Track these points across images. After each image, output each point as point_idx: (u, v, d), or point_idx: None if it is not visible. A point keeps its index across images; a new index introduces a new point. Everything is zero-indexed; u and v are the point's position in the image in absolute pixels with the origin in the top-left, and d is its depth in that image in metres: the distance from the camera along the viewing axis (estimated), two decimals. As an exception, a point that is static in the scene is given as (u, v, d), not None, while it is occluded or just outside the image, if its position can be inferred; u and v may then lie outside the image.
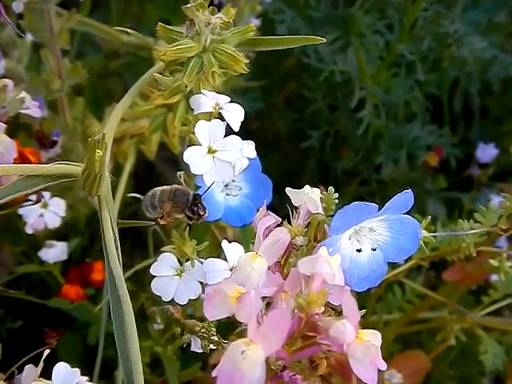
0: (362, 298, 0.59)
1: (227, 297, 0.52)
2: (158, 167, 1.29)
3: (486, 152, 1.22)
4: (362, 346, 0.47)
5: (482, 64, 1.20)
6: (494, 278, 1.00)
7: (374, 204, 0.52)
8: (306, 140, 1.23)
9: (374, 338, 0.48)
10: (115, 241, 0.60)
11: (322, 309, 0.49)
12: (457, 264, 0.85)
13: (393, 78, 1.16)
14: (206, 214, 0.67)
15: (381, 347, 0.49)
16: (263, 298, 0.55)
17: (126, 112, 0.78)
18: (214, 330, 0.68)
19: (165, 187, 0.69)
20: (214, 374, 0.45)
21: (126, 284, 0.89)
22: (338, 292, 0.50)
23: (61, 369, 0.64)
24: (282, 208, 1.06)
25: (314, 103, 1.23)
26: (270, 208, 0.74)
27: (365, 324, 0.51)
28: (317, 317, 0.49)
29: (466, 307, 1.00)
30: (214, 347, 0.68)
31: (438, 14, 1.13)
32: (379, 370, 0.49)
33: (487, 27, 1.22)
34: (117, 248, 0.60)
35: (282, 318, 0.45)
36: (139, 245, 1.22)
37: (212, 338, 0.68)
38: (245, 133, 0.70)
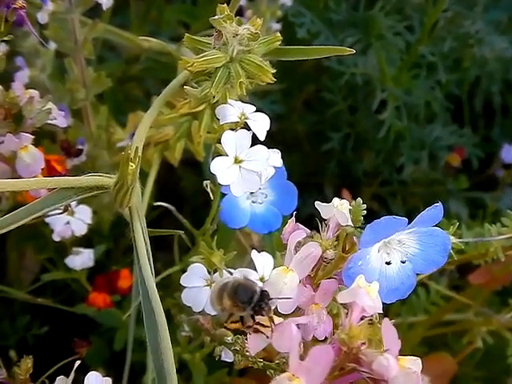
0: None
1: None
2: (178, 170, 1.30)
3: (511, 152, 1.21)
4: (403, 374, 0.47)
5: (503, 63, 1.19)
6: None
7: (403, 218, 0.52)
8: (326, 142, 1.23)
9: (414, 364, 0.48)
10: (147, 252, 0.61)
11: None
12: (483, 266, 0.85)
13: (414, 79, 1.15)
14: (271, 314, 0.56)
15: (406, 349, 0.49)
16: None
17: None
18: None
19: (228, 280, 0.61)
20: None
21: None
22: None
23: (92, 378, 0.65)
24: (303, 209, 1.06)
25: (335, 105, 1.23)
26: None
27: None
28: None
29: (491, 308, 1.00)
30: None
31: (459, 15, 1.12)
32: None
33: (508, 26, 1.21)
34: (149, 259, 0.60)
35: (325, 354, 0.45)
36: (162, 247, 1.22)
37: (246, 352, 0.67)
38: (265, 136, 0.70)
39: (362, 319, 0.49)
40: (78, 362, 0.67)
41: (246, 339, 0.65)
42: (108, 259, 1.11)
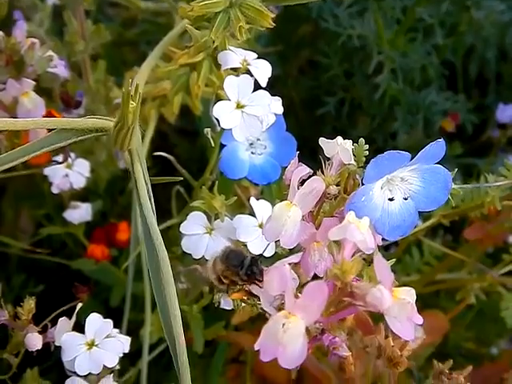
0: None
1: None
2: (171, 138, 1.30)
3: (506, 113, 1.22)
4: (398, 304, 0.47)
5: (499, 28, 1.19)
6: (512, 239, 1.01)
7: (406, 152, 0.52)
8: (322, 107, 1.23)
9: (408, 294, 0.49)
10: (148, 191, 0.61)
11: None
12: (478, 222, 0.86)
13: (410, 43, 1.15)
14: (262, 279, 0.57)
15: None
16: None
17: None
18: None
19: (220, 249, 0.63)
20: (256, 347, 0.46)
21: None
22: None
23: (93, 319, 0.66)
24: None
25: (330, 69, 1.23)
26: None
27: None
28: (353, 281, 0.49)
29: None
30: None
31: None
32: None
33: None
34: (150, 198, 0.61)
35: (319, 289, 0.46)
36: (156, 212, 1.23)
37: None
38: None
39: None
40: (79, 305, 0.67)
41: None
42: (104, 220, 1.11)
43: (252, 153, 0.77)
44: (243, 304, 0.68)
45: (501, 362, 1.03)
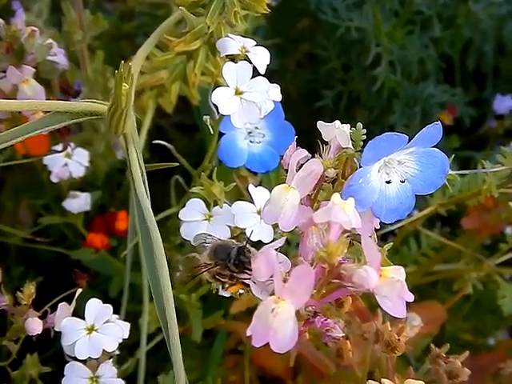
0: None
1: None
2: (169, 132, 1.30)
3: (503, 103, 1.22)
4: (388, 283, 0.48)
5: (497, 20, 1.20)
6: (509, 231, 1.02)
7: (404, 135, 0.53)
8: (320, 100, 1.24)
9: (397, 273, 0.49)
10: (142, 175, 0.61)
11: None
12: (475, 212, 0.86)
13: (408, 36, 1.16)
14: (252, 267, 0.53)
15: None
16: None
17: (144, 65, 0.79)
18: None
19: (210, 245, 0.64)
20: (247, 333, 0.46)
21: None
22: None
23: (93, 304, 0.66)
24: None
25: (328, 63, 1.23)
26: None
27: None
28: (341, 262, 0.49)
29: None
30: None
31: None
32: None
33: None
34: (144, 182, 0.61)
35: (306, 273, 0.46)
36: (155, 207, 1.23)
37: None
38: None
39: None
40: (79, 291, 0.68)
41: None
42: (102, 213, 1.11)
43: (251, 141, 0.77)
44: (241, 291, 0.68)
45: (497, 351, 1.03)
